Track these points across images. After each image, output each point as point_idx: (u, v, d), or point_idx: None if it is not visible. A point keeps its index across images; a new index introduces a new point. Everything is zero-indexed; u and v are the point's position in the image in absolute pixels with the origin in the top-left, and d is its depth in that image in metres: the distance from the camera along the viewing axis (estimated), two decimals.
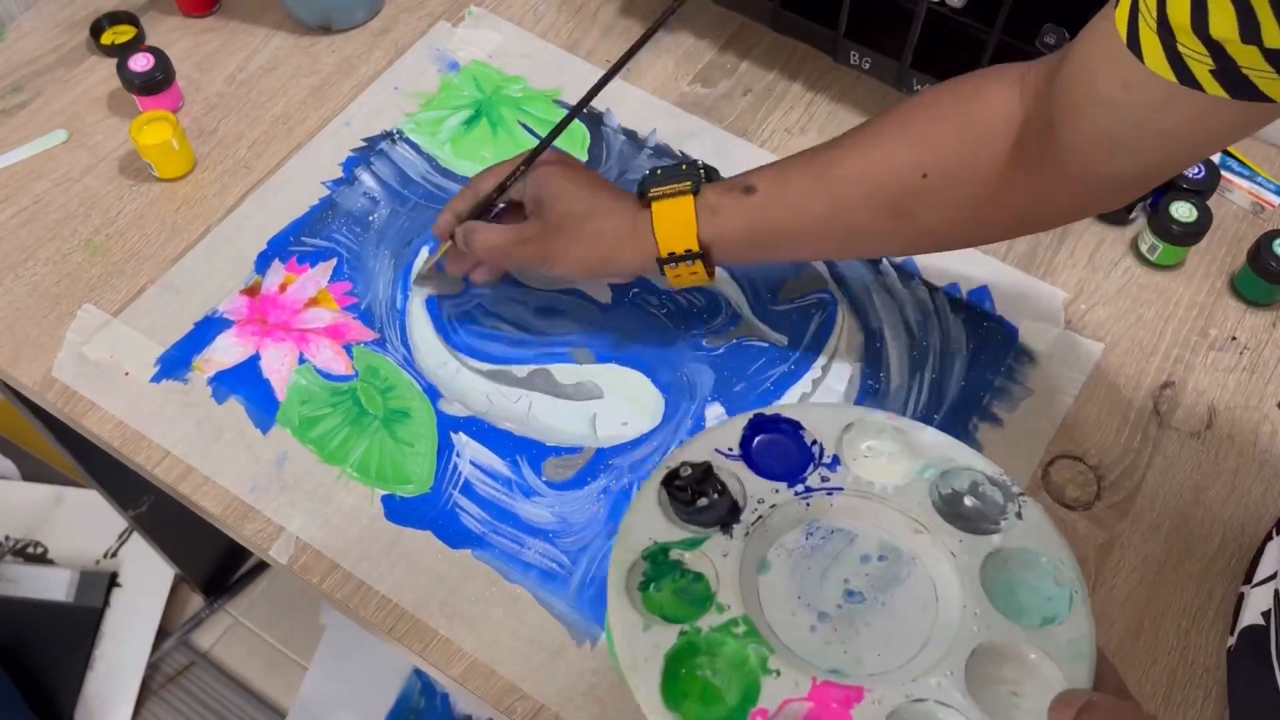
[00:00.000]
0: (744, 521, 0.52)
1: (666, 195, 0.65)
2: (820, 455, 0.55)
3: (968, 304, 0.77)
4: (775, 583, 0.52)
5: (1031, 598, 0.51)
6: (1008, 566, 0.52)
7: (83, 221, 0.80)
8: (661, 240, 0.65)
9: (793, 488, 0.53)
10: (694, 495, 0.51)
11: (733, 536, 0.52)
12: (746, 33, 0.92)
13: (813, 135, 0.85)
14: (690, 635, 0.49)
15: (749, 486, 0.53)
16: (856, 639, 0.50)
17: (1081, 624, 0.49)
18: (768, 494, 0.53)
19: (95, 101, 0.86)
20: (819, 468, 0.54)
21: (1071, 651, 0.48)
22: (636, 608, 0.50)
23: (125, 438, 0.71)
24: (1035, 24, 0.76)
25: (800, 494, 0.53)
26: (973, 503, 0.53)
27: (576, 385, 0.73)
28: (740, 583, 0.50)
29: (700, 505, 0.51)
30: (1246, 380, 0.75)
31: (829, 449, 0.55)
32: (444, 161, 0.83)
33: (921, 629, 0.50)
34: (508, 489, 0.69)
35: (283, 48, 0.89)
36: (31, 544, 1.45)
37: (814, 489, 0.54)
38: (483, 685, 0.63)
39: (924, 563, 0.52)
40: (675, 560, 0.52)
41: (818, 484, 0.54)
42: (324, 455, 0.70)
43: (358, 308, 0.76)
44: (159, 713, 1.38)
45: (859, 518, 0.53)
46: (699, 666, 0.48)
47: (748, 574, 0.51)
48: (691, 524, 0.52)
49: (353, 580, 0.66)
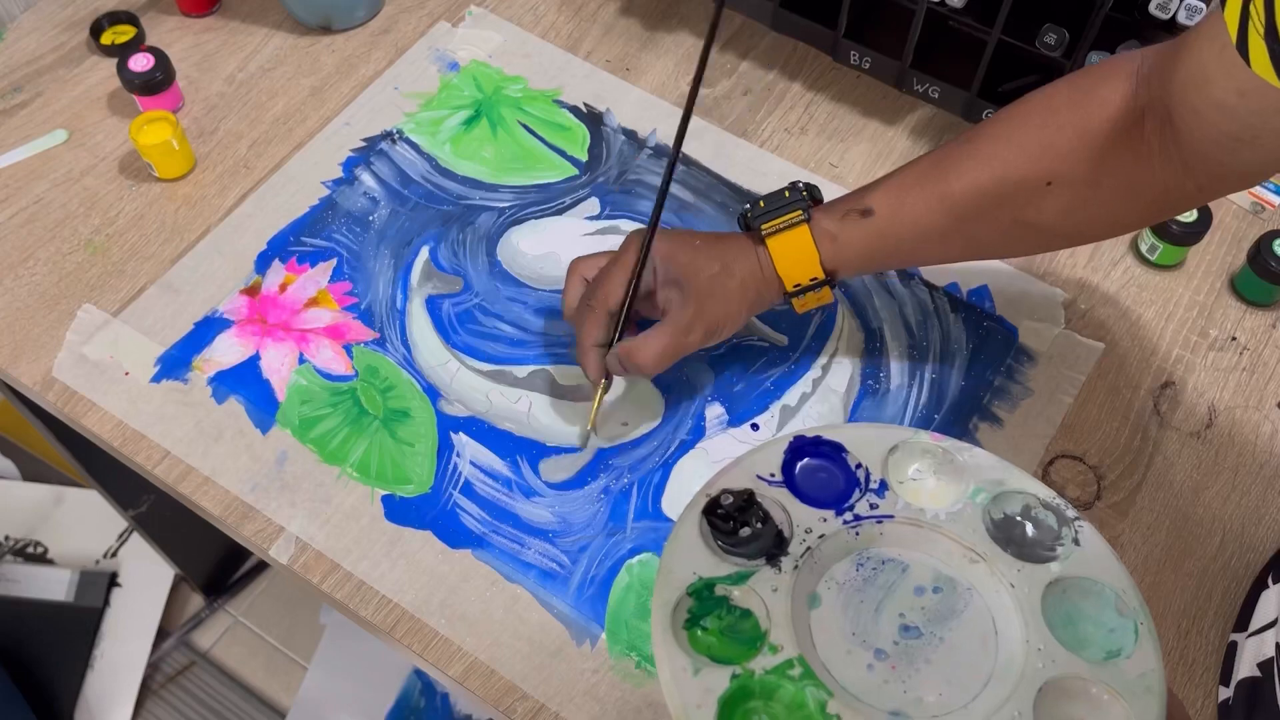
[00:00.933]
0: (792, 553, 0.49)
1: (779, 230, 0.64)
2: (866, 481, 0.51)
3: (967, 304, 0.77)
4: (828, 618, 0.48)
5: (1093, 629, 0.48)
6: (1067, 596, 0.49)
7: (83, 221, 0.80)
8: (785, 275, 0.65)
9: (840, 516, 0.50)
10: (737, 525, 0.49)
11: (781, 570, 0.49)
12: (746, 33, 0.92)
13: (812, 135, 0.85)
14: (743, 679, 0.46)
15: (795, 515, 0.50)
16: (916, 677, 0.47)
17: (1149, 658, 0.46)
18: (815, 523, 0.50)
19: (95, 101, 0.86)
20: (866, 494, 0.51)
21: (1141, 686, 0.45)
22: (684, 649, 0.47)
23: (125, 438, 0.71)
24: (1035, 24, 0.76)
25: (849, 522, 0.50)
26: (1028, 529, 0.50)
27: (576, 385, 0.73)
28: (792, 619, 0.47)
29: (744, 535, 0.49)
30: (1246, 380, 0.75)
31: (875, 473, 0.52)
32: (444, 161, 0.83)
33: (983, 665, 0.47)
34: (508, 489, 0.69)
35: (283, 48, 0.89)
36: (31, 544, 1.45)
37: (863, 516, 0.50)
38: (483, 685, 0.63)
39: (981, 594, 0.49)
40: (722, 595, 0.49)
41: (866, 511, 0.50)
42: (324, 455, 0.70)
43: (358, 308, 0.76)
44: (159, 712, 1.38)
45: (911, 546, 0.50)
46: (754, 712, 0.45)
47: (799, 610, 0.48)
48: (735, 556, 0.49)
49: (353, 580, 0.66)
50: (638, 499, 0.69)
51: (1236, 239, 0.81)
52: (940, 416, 0.72)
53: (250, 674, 1.41)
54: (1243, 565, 0.68)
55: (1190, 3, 0.71)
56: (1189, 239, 0.77)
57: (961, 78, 0.84)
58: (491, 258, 0.79)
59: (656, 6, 0.93)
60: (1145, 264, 0.79)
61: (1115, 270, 0.79)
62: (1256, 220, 0.82)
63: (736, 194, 0.82)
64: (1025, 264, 0.79)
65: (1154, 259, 0.79)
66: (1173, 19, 0.71)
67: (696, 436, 0.71)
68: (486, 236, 0.80)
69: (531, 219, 0.81)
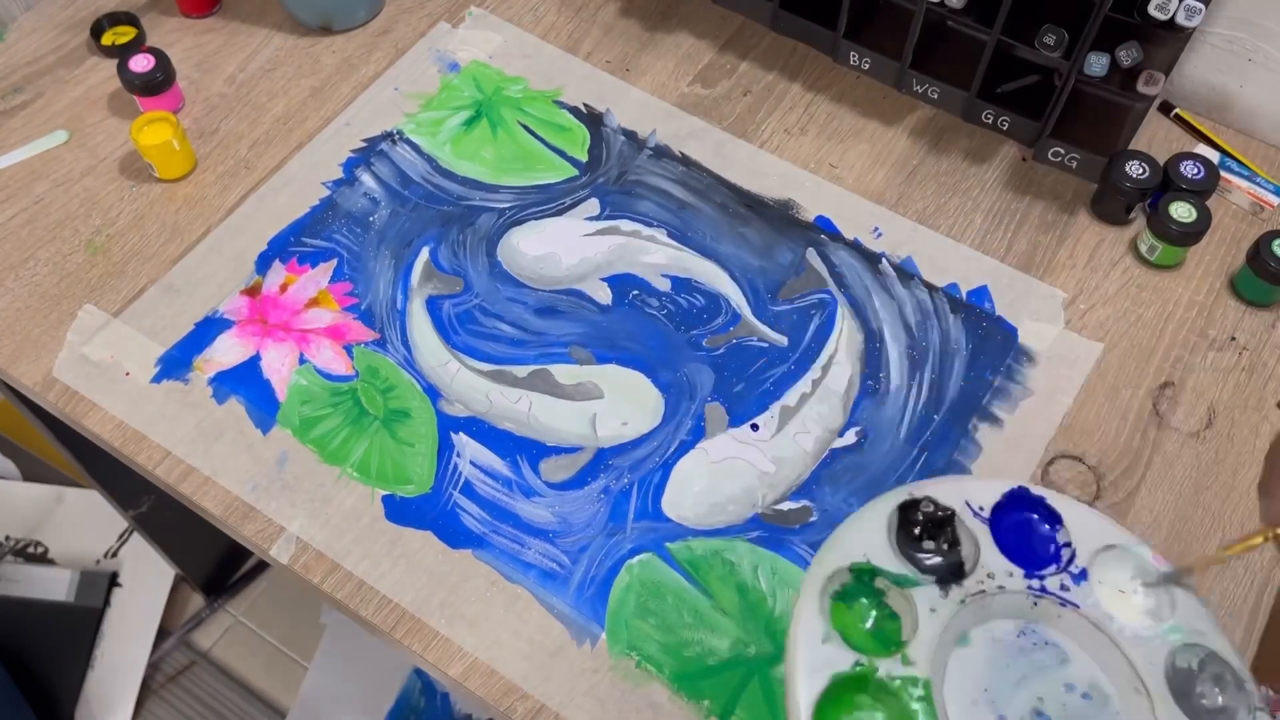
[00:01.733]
0: (965, 587, 0.48)
1: None
2: (1069, 561, 0.50)
3: (967, 304, 0.77)
4: (969, 663, 0.47)
5: None
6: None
7: (83, 222, 0.80)
8: None
9: (1029, 579, 0.49)
10: (924, 535, 0.48)
11: (947, 596, 0.48)
12: (746, 33, 0.92)
13: (812, 136, 0.85)
14: (865, 671, 0.46)
15: (984, 555, 0.49)
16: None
17: None
18: (1000, 573, 0.49)
19: (96, 102, 0.86)
20: (1063, 573, 0.49)
21: None
22: (824, 614, 0.47)
23: (126, 438, 0.71)
24: (1034, 25, 0.77)
25: (1033, 590, 0.49)
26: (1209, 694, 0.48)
27: (576, 385, 0.73)
28: (936, 645, 0.47)
29: (927, 548, 0.48)
30: (1246, 380, 0.75)
31: (1080, 559, 0.50)
32: (444, 162, 0.83)
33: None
34: (508, 489, 0.69)
35: (283, 48, 0.90)
36: (32, 544, 1.45)
37: (1050, 592, 0.49)
38: (483, 685, 0.63)
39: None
40: (879, 589, 0.48)
41: (1055, 589, 0.49)
42: (324, 455, 0.70)
43: (358, 308, 0.76)
44: (159, 712, 1.38)
45: (1082, 644, 0.49)
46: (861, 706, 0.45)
47: (945, 640, 0.47)
48: (909, 561, 0.49)
49: (353, 580, 0.66)
50: (638, 499, 0.69)
51: (1236, 239, 0.81)
52: (940, 417, 0.72)
53: (250, 674, 1.41)
54: (1243, 565, 0.68)
55: (1190, 3, 0.71)
56: (1188, 239, 0.77)
57: (961, 78, 0.84)
58: (491, 258, 0.79)
59: (656, 7, 0.93)
60: (1145, 264, 0.79)
61: (1115, 270, 0.79)
62: (1256, 220, 0.82)
63: (736, 194, 0.82)
64: (1025, 264, 0.79)
65: (1154, 259, 0.79)
66: (1172, 19, 0.71)
67: (696, 436, 0.71)
68: (486, 237, 0.80)
69: (531, 219, 0.81)
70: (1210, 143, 0.86)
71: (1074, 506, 0.51)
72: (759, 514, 0.68)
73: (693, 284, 0.78)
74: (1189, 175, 0.79)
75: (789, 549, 0.67)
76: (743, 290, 0.77)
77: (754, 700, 0.61)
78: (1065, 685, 0.48)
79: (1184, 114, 0.87)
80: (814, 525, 0.68)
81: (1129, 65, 0.76)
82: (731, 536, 0.67)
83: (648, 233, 0.80)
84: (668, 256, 0.79)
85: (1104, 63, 0.76)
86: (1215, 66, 0.86)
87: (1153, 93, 0.77)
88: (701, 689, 0.62)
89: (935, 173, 0.84)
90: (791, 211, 0.81)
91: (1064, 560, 0.50)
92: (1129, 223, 0.81)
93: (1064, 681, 0.48)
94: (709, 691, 0.62)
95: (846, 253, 0.79)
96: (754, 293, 0.77)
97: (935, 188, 0.83)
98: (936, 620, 0.47)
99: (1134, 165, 0.79)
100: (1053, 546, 0.50)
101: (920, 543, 0.48)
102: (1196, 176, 0.79)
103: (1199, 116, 0.87)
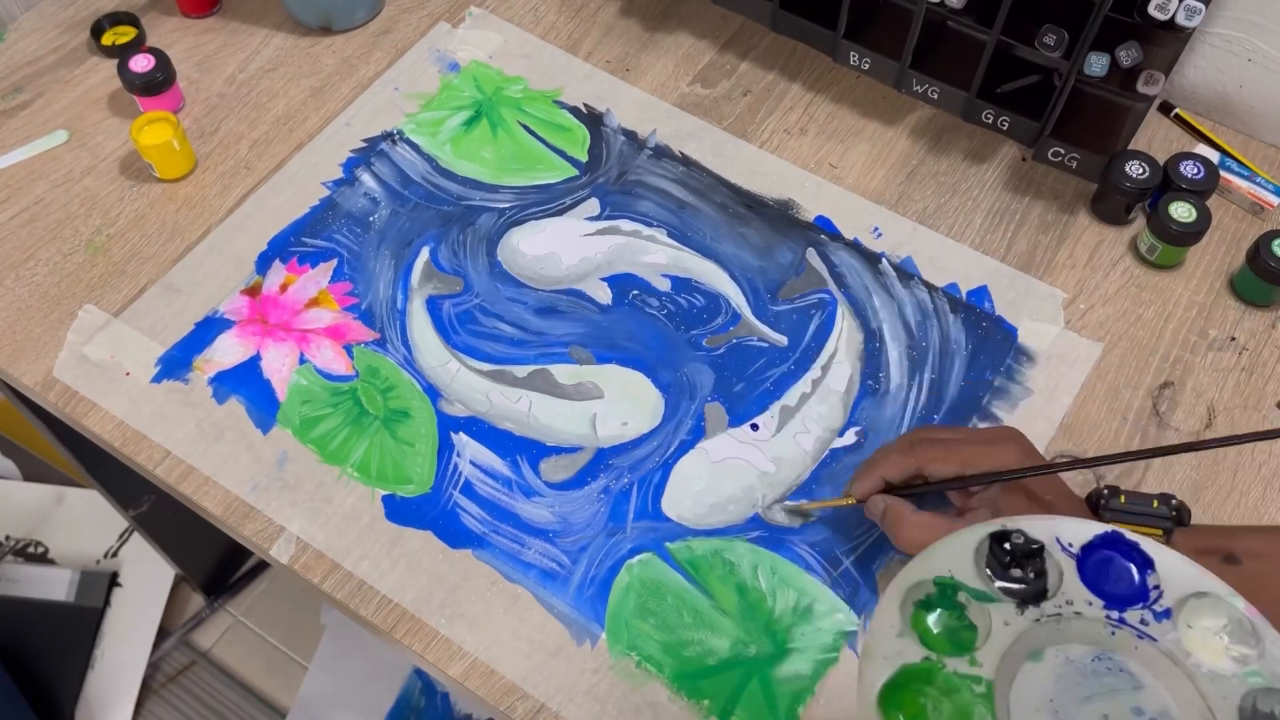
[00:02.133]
0: (1042, 608, 0.49)
1: None
2: (1154, 600, 0.50)
3: (967, 304, 0.77)
4: (1038, 675, 0.48)
5: None
6: None
7: (83, 222, 0.80)
8: None
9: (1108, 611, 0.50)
10: (1012, 563, 0.49)
11: (1023, 614, 0.49)
12: (746, 33, 0.92)
13: (812, 136, 0.85)
14: (932, 665, 0.47)
15: (1067, 586, 0.50)
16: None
17: None
18: (1080, 601, 0.50)
19: (96, 102, 0.86)
20: (1146, 609, 0.50)
21: None
22: (903, 614, 0.49)
23: (126, 438, 0.71)
24: (1034, 25, 0.77)
25: (1112, 619, 0.49)
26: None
27: (576, 385, 0.73)
28: (1005, 654, 0.48)
29: (1014, 575, 0.50)
30: (1246, 380, 0.75)
31: (1166, 600, 0.50)
32: (444, 162, 0.83)
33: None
34: (508, 489, 0.69)
35: (283, 48, 0.90)
36: (32, 544, 1.45)
37: (1128, 624, 0.49)
38: (483, 685, 0.63)
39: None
40: (960, 603, 0.50)
41: (1135, 622, 0.49)
42: (325, 455, 0.70)
43: (358, 308, 0.76)
44: (159, 712, 1.38)
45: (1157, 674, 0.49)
46: (924, 694, 0.47)
47: (1016, 651, 0.48)
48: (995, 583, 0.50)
49: (353, 580, 0.66)
50: (638, 499, 0.69)
51: (1235, 239, 0.81)
52: (940, 417, 0.72)
53: (250, 674, 1.41)
54: None
55: (1190, 3, 0.71)
56: (1188, 239, 0.77)
57: (961, 78, 0.84)
58: (492, 258, 0.79)
59: (656, 7, 0.93)
60: (1145, 264, 0.80)
61: (1115, 270, 0.79)
62: (1255, 220, 0.82)
63: (736, 194, 0.82)
64: (1024, 264, 0.79)
65: (1153, 259, 0.79)
66: (1172, 19, 0.71)
67: (696, 436, 0.71)
68: (487, 237, 0.80)
69: (531, 219, 0.81)
70: (1210, 143, 0.86)
71: (1168, 554, 0.52)
72: (759, 514, 0.68)
73: (693, 284, 0.78)
74: (1189, 175, 0.79)
75: (789, 549, 0.67)
76: (743, 290, 0.77)
77: (754, 700, 0.62)
78: (1134, 710, 0.48)
79: (1184, 114, 0.87)
80: (814, 525, 0.68)
81: (1129, 65, 0.76)
82: (731, 536, 0.67)
83: (648, 232, 0.80)
84: (668, 256, 0.79)
85: (1104, 63, 0.76)
86: (1215, 66, 0.86)
87: (1153, 93, 0.77)
88: (701, 689, 0.62)
89: (935, 173, 0.84)
90: (791, 211, 0.81)
91: (1149, 600, 0.51)
92: (1129, 223, 0.81)
93: (1133, 706, 0.48)
94: (709, 691, 0.62)
95: (846, 253, 0.79)
96: (754, 292, 0.77)
97: (935, 188, 0.83)
98: (1009, 631, 0.49)
99: (1134, 165, 0.79)
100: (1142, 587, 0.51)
101: (1008, 570, 0.50)
102: (1196, 176, 0.79)
103: (1199, 116, 0.87)
